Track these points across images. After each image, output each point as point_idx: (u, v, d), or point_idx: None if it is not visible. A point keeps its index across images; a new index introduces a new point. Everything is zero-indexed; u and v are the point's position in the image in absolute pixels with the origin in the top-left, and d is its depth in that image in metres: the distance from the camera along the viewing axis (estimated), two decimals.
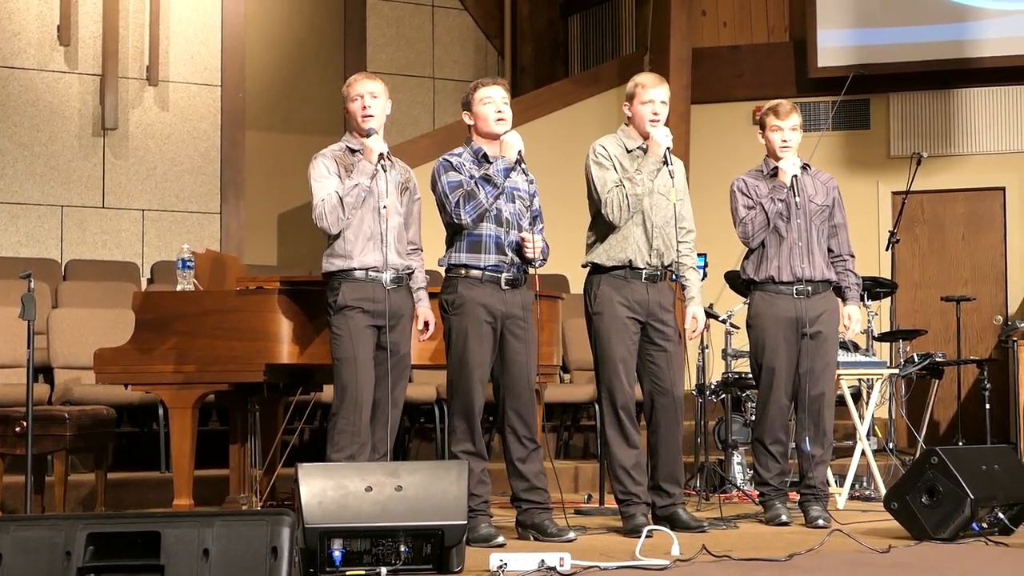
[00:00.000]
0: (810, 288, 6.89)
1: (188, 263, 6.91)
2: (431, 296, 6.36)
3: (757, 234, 6.90)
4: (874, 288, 9.27)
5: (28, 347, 6.14)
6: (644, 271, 6.47)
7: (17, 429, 6.76)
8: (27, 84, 11.07)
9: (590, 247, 6.57)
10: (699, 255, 6.91)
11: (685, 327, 6.67)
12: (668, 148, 6.45)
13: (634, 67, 12.56)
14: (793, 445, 7.09)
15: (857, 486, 8.38)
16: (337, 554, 4.93)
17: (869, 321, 9.40)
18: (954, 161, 11.77)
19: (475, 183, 6.10)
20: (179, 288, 6.86)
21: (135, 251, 11.36)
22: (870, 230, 11.36)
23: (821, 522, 6.73)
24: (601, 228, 6.53)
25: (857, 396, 8.76)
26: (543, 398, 7.59)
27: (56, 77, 11.17)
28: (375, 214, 6.07)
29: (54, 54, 11.17)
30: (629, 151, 6.56)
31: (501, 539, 5.98)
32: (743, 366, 9.12)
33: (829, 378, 7.00)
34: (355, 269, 6.05)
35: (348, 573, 4.95)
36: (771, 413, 6.92)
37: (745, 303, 7.25)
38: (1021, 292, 11.60)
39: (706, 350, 8.45)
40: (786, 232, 6.90)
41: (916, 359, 9.41)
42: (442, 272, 6.30)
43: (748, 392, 8.89)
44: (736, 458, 8.74)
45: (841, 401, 7.89)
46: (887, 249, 10.50)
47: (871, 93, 11.91)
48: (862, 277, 8.51)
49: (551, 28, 13.91)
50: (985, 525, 6.16)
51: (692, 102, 12.08)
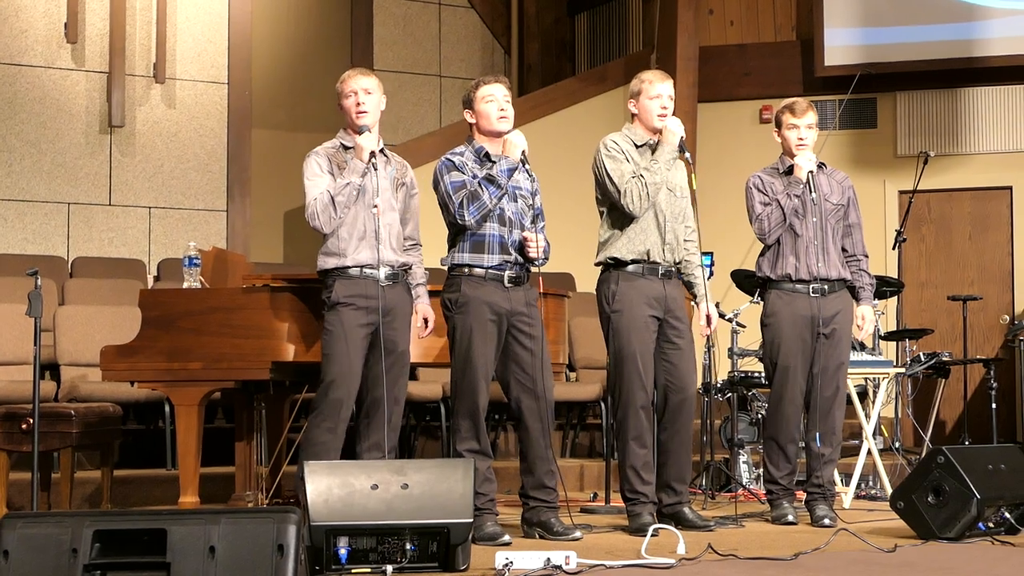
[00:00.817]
0: (826, 287, 6.89)
1: (194, 260, 6.91)
2: (432, 294, 6.35)
3: (773, 230, 6.89)
4: (881, 287, 9.25)
5: (35, 344, 6.14)
6: (660, 266, 6.48)
7: (23, 426, 6.76)
8: (34, 81, 11.09)
9: (605, 243, 6.57)
10: (705, 254, 6.92)
11: (700, 324, 6.69)
12: (682, 137, 6.45)
13: (641, 65, 12.55)
14: (802, 444, 7.08)
15: (863, 485, 8.37)
16: (343, 552, 4.94)
17: (876, 320, 9.40)
18: (961, 160, 11.76)
19: (479, 184, 6.08)
20: (185, 285, 6.86)
21: (141, 248, 11.37)
22: (877, 229, 11.35)
23: (827, 521, 6.72)
24: (616, 222, 6.54)
25: (863, 395, 8.75)
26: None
27: (63, 74, 11.18)
28: (369, 211, 6.05)
29: (61, 51, 11.19)
30: (638, 147, 6.56)
31: (507, 537, 5.97)
32: (749, 365, 9.13)
33: (842, 377, 6.99)
34: (349, 267, 6.02)
35: (354, 571, 4.96)
36: (786, 412, 6.89)
37: (752, 301, 7.26)
38: None
39: (712, 349, 8.43)
40: (802, 230, 6.89)
41: (922, 358, 9.41)
42: (444, 270, 6.29)
43: (754, 391, 8.89)
44: (742, 457, 8.73)
45: (848, 400, 7.87)
46: (894, 248, 10.50)
47: (878, 92, 11.90)
48: None
49: (558, 26, 13.90)
50: (991, 525, 6.16)
51: (699, 100, 12.07)
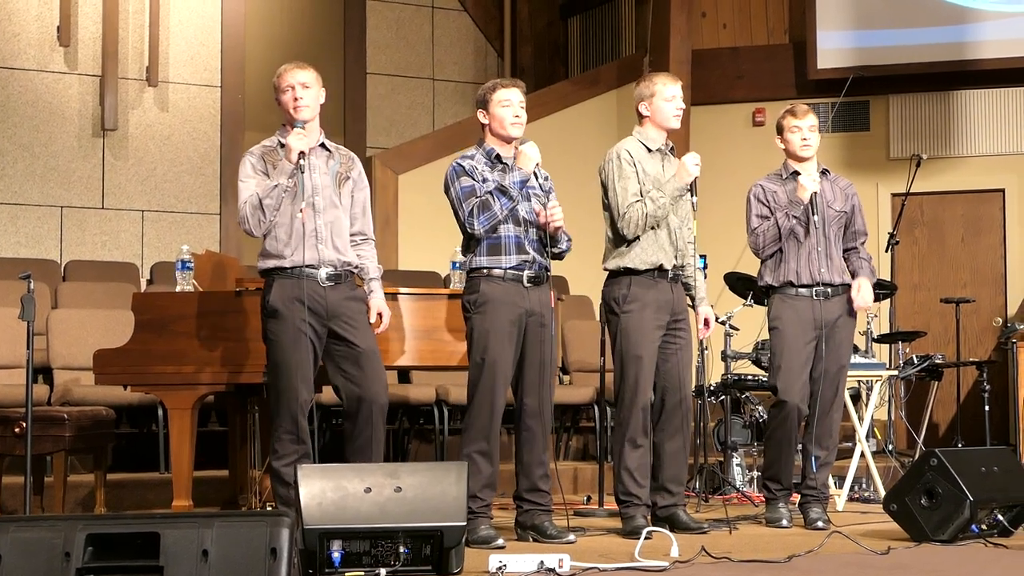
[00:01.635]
0: (829, 290, 6.89)
1: (187, 264, 6.90)
2: (429, 296, 6.34)
3: (767, 247, 6.90)
4: (874, 290, 9.26)
5: (28, 348, 6.13)
6: (668, 272, 6.51)
7: (16, 430, 6.75)
8: (27, 85, 11.08)
9: (617, 252, 6.58)
10: (699, 256, 6.93)
11: (698, 327, 6.73)
12: (696, 179, 6.46)
13: (634, 69, 12.58)
14: (799, 447, 7.09)
15: (856, 488, 8.38)
16: (336, 555, 4.93)
17: (869, 322, 9.41)
18: (953, 163, 11.78)
19: (491, 194, 6.07)
20: (178, 289, 6.86)
21: (135, 252, 11.36)
22: (870, 232, 11.34)
23: (820, 524, 6.73)
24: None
25: (856, 398, 8.77)
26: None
27: (56, 78, 11.17)
28: (309, 209, 5.93)
29: (54, 55, 11.18)
30: (651, 151, 6.58)
31: (500, 540, 5.97)
32: (742, 368, 9.13)
33: (842, 381, 7.01)
34: (287, 268, 5.92)
35: (347, 574, 4.95)
36: (788, 415, 6.88)
37: (746, 304, 7.26)
38: (1020, 294, 11.60)
39: (706, 352, 8.44)
40: (804, 237, 6.89)
41: (915, 361, 9.42)
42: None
43: (748, 394, 8.90)
44: (735, 460, 8.73)
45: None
46: (887, 251, 10.51)
47: (870, 95, 11.91)
48: None
49: (551, 29, 13.91)
50: (984, 527, 6.16)
51: (691, 104, 12.06)
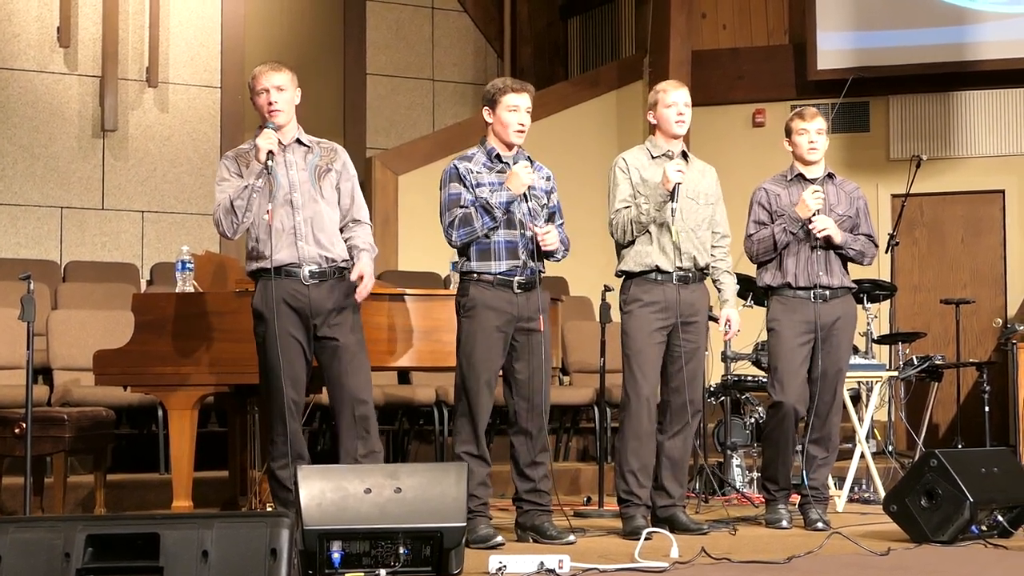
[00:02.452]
0: (827, 293, 6.89)
1: (187, 265, 6.90)
2: (429, 297, 6.32)
3: (760, 256, 6.92)
4: (873, 290, 9.27)
5: (27, 348, 6.13)
6: (674, 274, 6.50)
7: (16, 431, 6.75)
8: (27, 86, 11.07)
9: (618, 255, 6.63)
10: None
11: (720, 329, 6.75)
12: (677, 184, 6.45)
13: (633, 69, 12.60)
14: (799, 448, 7.09)
15: (856, 489, 8.38)
16: (336, 556, 4.93)
17: (869, 323, 9.41)
18: (953, 164, 11.78)
19: (475, 209, 6.06)
20: (178, 290, 6.86)
21: (134, 253, 11.36)
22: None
23: (820, 525, 6.73)
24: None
25: (856, 399, 8.77)
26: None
27: (56, 79, 11.17)
28: (287, 207, 5.92)
29: (54, 56, 11.18)
30: (654, 158, 6.61)
31: (499, 538, 5.98)
32: (742, 368, 9.13)
33: (840, 382, 7.00)
34: (270, 269, 5.90)
35: (347, 575, 4.95)
36: (786, 416, 6.88)
37: (745, 305, 7.25)
38: (1020, 295, 11.60)
39: (706, 353, 8.44)
40: (804, 240, 6.88)
41: (915, 362, 9.42)
42: (446, 274, 6.29)
43: (748, 395, 8.90)
44: (735, 460, 8.73)
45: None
46: (887, 252, 10.51)
47: (870, 96, 11.91)
48: (862, 280, 8.52)
49: (550, 30, 13.91)
50: (984, 528, 6.16)
51: (692, 104, 12.06)
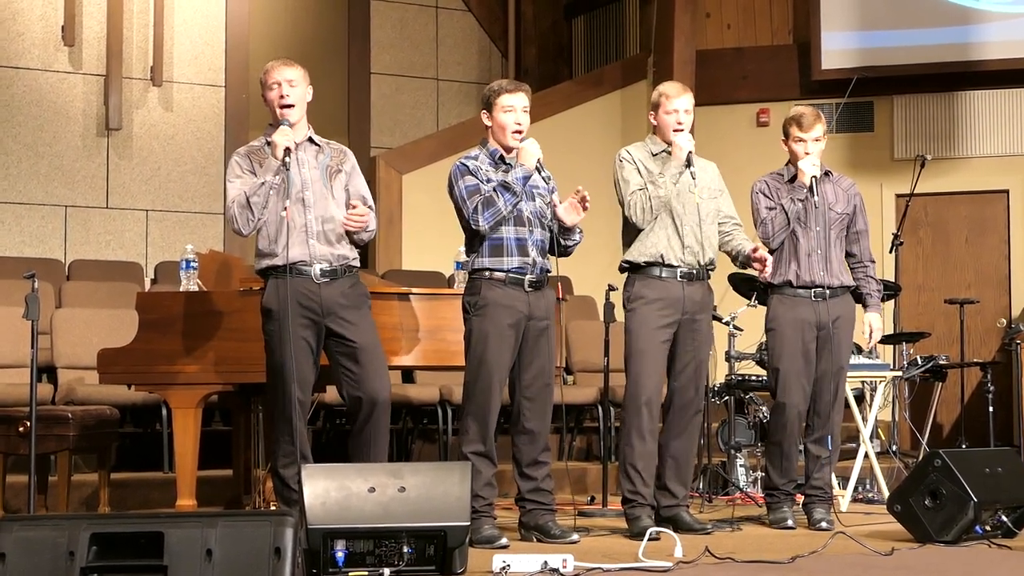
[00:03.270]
0: (827, 292, 6.89)
1: (192, 263, 6.90)
2: (435, 296, 6.32)
3: (777, 234, 6.90)
4: (877, 292, 9.25)
5: (32, 347, 6.14)
6: (679, 268, 6.50)
7: (20, 429, 6.76)
8: (31, 84, 11.08)
9: (624, 248, 6.63)
10: None
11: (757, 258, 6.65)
12: (690, 152, 6.48)
13: (638, 69, 12.59)
14: (801, 448, 7.09)
15: (860, 488, 8.38)
16: (340, 555, 4.93)
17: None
18: (958, 164, 11.77)
19: (494, 190, 6.06)
20: (183, 288, 6.86)
21: (139, 251, 11.37)
22: (874, 233, 11.15)
23: (824, 524, 6.73)
24: (632, 230, 6.60)
25: (860, 398, 8.76)
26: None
27: (60, 77, 11.18)
28: (299, 205, 5.90)
29: (58, 54, 11.19)
30: (654, 155, 6.63)
31: (504, 540, 5.97)
32: (746, 368, 9.13)
33: (842, 381, 7.01)
34: (280, 266, 5.88)
35: (351, 574, 4.95)
36: (789, 417, 6.89)
37: (749, 305, 7.26)
38: None
39: (709, 353, 8.43)
40: (804, 239, 6.89)
41: (919, 361, 9.41)
42: (450, 273, 6.29)
43: (752, 394, 8.89)
44: (739, 460, 8.73)
45: (845, 403, 7.88)
46: (891, 252, 10.50)
47: (875, 96, 11.91)
48: None
49: (555, 30, 13.91)
50: (988, 528, 6.16)
51: (696, 104, 12.05)
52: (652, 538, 5.96)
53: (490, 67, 13.56)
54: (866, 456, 8.06)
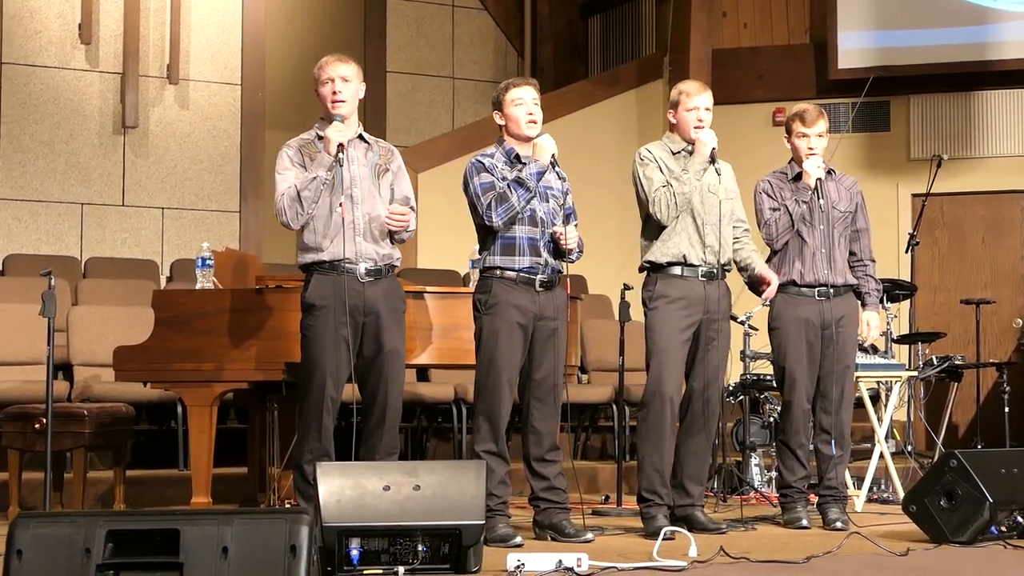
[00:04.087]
0: (832, 291, 6.90)
1: (207, 261, 6.92)
2: (450, 295, 6.32)
3: (781, 235, 6.90)
4: (893, 290, 9.24)
5: (48, 344, 6.16)
6: (700, 268, 6.50)
7: (36, 426, 6.78)
8: (48, 82, 11.11)
9: (645, 248, 6.62)
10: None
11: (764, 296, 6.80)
12: (714, 148, 6.48)
13: (654, 68, 12.58)
14: (812, 447, 7.09)
15: (875, 488, 8.36)
16: (355, 553, 4.93)
17: (888, 323, 9.38)
18: (974, 164, 11.74)
19: (508, 186, 6.05)
20: (198, 286, 6.88)
21: (155, 249, 11.38)
22: (890, 232, 11.33)
23: (839, 524, 6.73)
24: (652, 229, 6.58)
25: (876, 398, 8.74)
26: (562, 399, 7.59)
27: (77, 75, 11.20)
28: (348, 201, 5.89)
29: (75, 52, 11.21)
30: (674, 153, 6.62)
31: (519, 539, 5.97)
32: (761, 368, 9.11)
33: (848, 380, 7.00)
34: (325, 262, 5.88)
35: (366, 572, 4.96)
36: (795, 416, 6.90)
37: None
38: None
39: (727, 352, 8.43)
40: (809, 238, 6.90)
41: (935, 362, 9.40)
42: (463, 271, 6.29)
43: (766, 394, 8.88)
44: (754, 460, 8.72)
45: (860, 403, 7.87)
46: (907, 251, 10.48)
47: (891, 95, 11.88)
48: (881, 279, 8.49)
49: (571, 29, 13.91)
50: (1004, 528, 6.14)
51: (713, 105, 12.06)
52: (667, 537, 5.95)
53: (506, 66, 13.56)
54: (881, 456, 8.04)
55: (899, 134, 11.97)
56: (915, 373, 9.21)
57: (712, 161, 6.49)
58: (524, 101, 6.18)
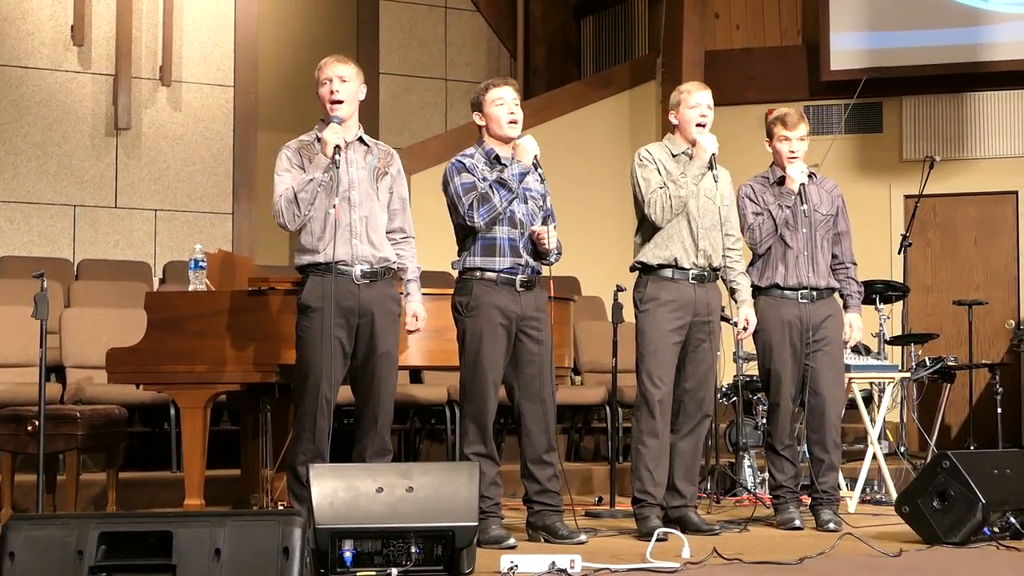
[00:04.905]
0: (814, 293, 6.91)
1: (200, 263, 6.91)
2: (442, 296, 6.32)
3: (764, 240, 6.92)
4: (886, 292, 9.25)
5: (40, 346, 6.14)
6: (691, 271, 6.50)
7: (29, 428, 6.76)
8: (40, 84, 11.10)
9: (637, 248, 6.62)
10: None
11: (737, 329, 6.76)
12: (714, 154, 6.47)
13: (647, 69, 12.59)
14: (803, 448, 7.10)
15: (868, 490, 8.36)
16: (348, 555, 4.93)
17: (881, 324, 9.39)
18: (967, 165, 11.76)
19: (490, 187, 6.05)
20: (191, 288, 6.87)
21: (147, 251, 11.38)
22: (882, 234, 11.35)
23: (832, 526, 6.73)
24: (647, 230, 6.58)
25: (868, 400, 8.75)
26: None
27: (69, 77, 11.19)
28: (344, 204, 5.88)
29: (67, 54, 11.20)
30: (674, 155, 6.61)
31: (512, 541, 5.97)
32: (754, 369, 9.11)
33: (835, 381, 7.00)
34: (322, 263, 5.87)
35: (359, 574, 4.95)
36: (781, 417, 6.93)
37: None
38: None
39: (717, 353, 8.43)
40: (792, 241, 6.92)
41: (928, 363, 9.41)
42: (454, 274, 6.29)
43: (759, 395, 8.89)
44: (747, 461, 8.73)
45: (852, 405, 7.88)
46: (899, 253, 10.50)
47: (884, 96, 11.90)
48: (874, 281, 8.52)
49: (564, 30, 13.91)
50: (996, 530, 6.15)
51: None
52: (660, 539, 5.95)
53: (499, 67, 13.56)
54: (874, 457, 8.05)
55: (891, 135, 11.98)
56: (908, 374, 9.22)
57: (711, 167, 6.49)
58: (504, 101, 6.18)
